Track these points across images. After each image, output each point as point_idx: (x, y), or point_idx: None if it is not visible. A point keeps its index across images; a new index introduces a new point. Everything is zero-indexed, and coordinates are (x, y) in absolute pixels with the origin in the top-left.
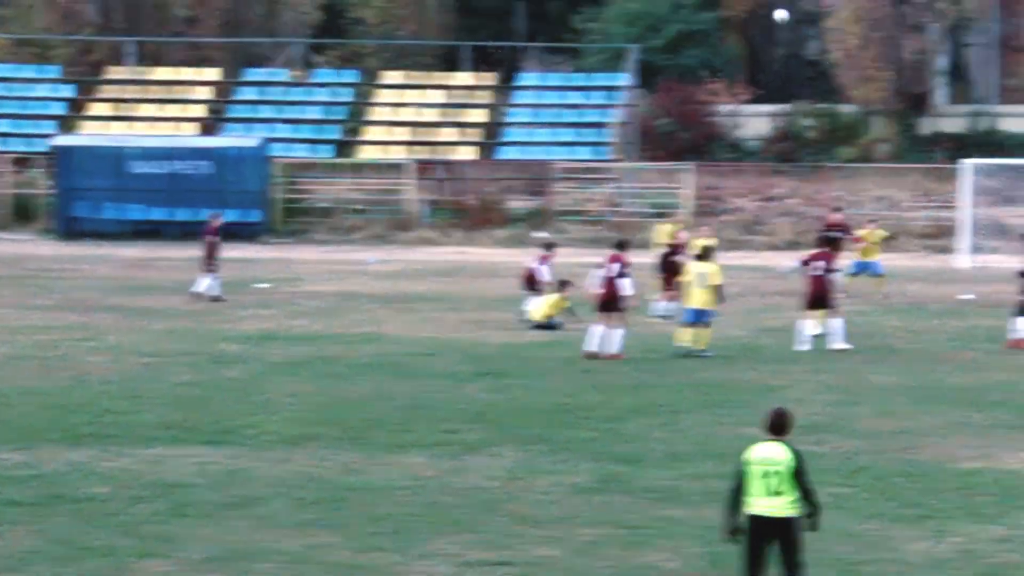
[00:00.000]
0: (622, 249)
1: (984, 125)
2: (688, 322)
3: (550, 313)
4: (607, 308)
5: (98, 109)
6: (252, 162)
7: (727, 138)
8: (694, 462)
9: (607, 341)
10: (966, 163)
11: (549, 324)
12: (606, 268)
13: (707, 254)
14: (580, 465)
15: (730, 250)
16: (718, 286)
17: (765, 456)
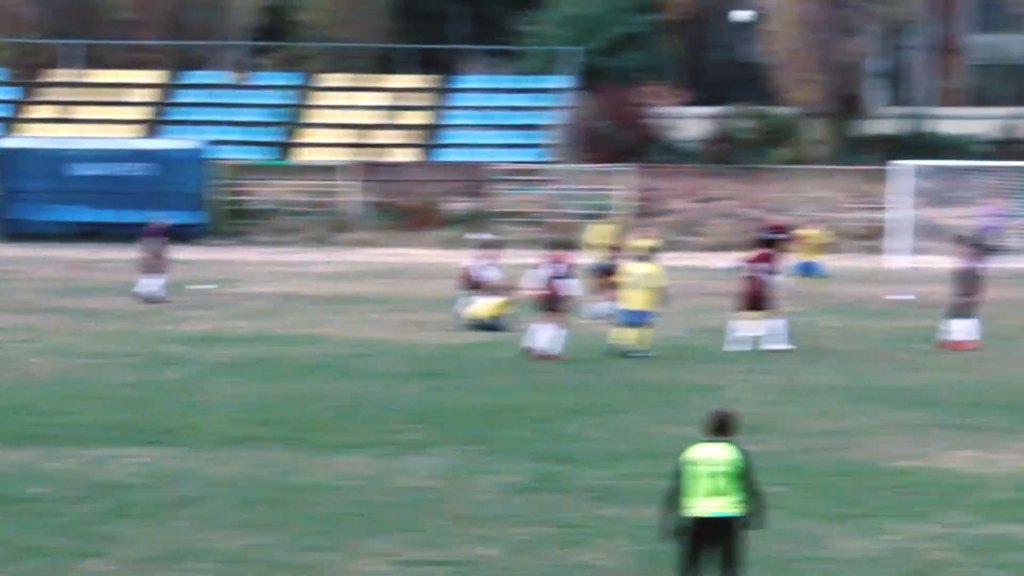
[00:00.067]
0: (564, 250)
1: (920, 127)
2: (629, 323)
3: (495, 314)
4: (549, 308)
5: (41, 112)
6: (192, 164)
7: (665, 140)
8: (631, 462)
9: (547, 340)
10: (899, 164)
11: (493, 325)
12: (549, 268)
13: (651, 255)
14: (518, 465)
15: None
16: (662, 288)
17: (711, 456)
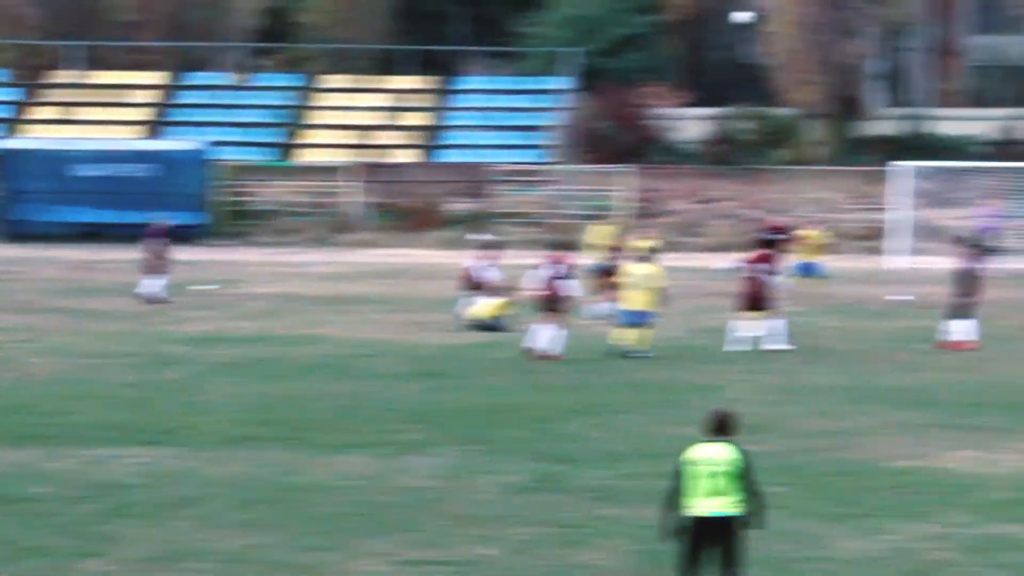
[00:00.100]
0: (563, 250)
1: (920, 128)
2: (630, 323)
3: (496, 314)
4: (550, 308)
5: (43, 113)
6: (194, 165)
7: (665, 141)
8: (631, 462)
9: (547, 340)
10: (899, 166)
11: (494, 325)
12: (550, 268)
13: (651, 256)
14: (518, 465)
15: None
16: (662, 288)
17: (711, 456)
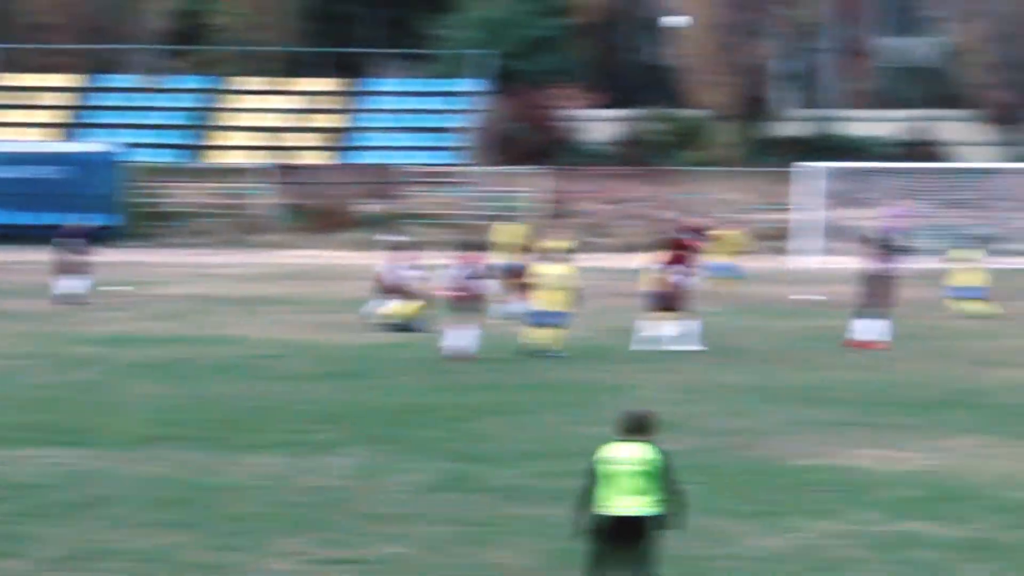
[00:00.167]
0: (475, 250)
1: (828, 129)
2: (543, 323)
3: (409, 315)
4: (462, 308)
5: None
6: (107, 167)
7: (576, 142)
8: (542, 461)
9: (460, 340)
10: (807, 166)
11: (407, 326)
12: (462, 268)
13: (565, 256)
14: (429, 464)
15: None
16: (576, 289)
17: (628, 455)
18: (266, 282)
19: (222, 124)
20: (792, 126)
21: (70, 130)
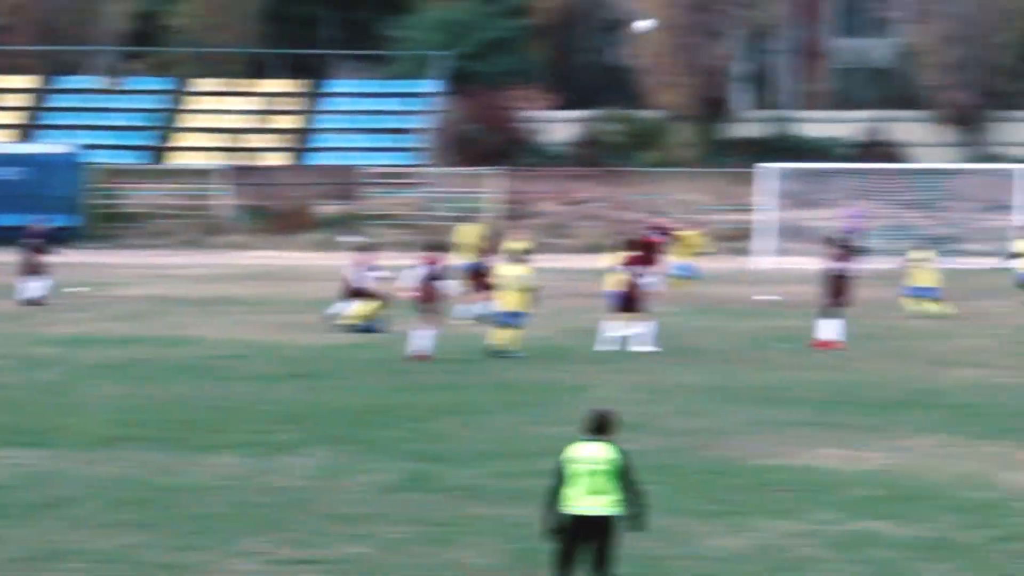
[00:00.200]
0: (437, 251)
1: (785, 130)
2: (502, 323)
3: (370, 316)
4: (423, 309)
5: None
6: (67, 168)
7: (534, 143)
8: (501, 461)
9: (421, 340)
10: (764, 167)
11: (368, 327)
12: (424, 269)
13: (524, 257)
14: (390, 464)
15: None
16: (534, 289)
17: (590, 455)
18: (226, 283)
19: (182, 126)
20: (750, 127)
21: (29, 132)
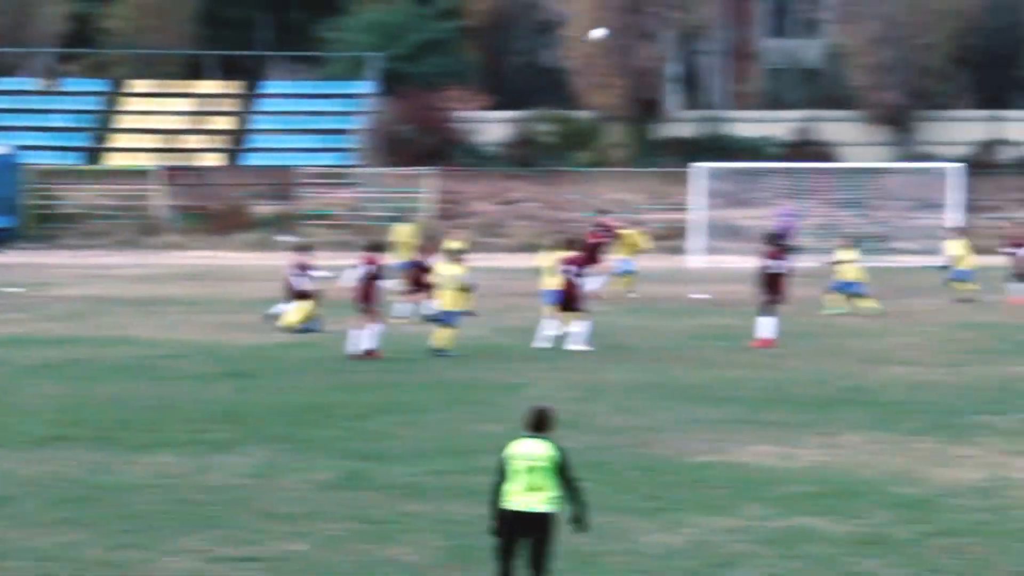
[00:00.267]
0: (376, 251)
1: (717, 130)
2: (438, 322)
3: (306, 317)
4: (362, 308)
5: None
6: (3, 169)
7: (467, 144)
8: (436, 459)
9: (361, 339)
10: (697, 167)
11: (306, 328)
12: (362, 268)
13: (459, 256)
14: (326, 462)
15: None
16: (469, 288)
17: (528, 452)
18: (163, 283)
19: (117, 127)
20: (682, 127)
21: None
